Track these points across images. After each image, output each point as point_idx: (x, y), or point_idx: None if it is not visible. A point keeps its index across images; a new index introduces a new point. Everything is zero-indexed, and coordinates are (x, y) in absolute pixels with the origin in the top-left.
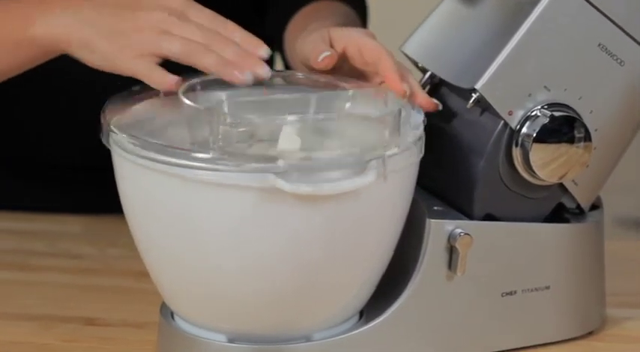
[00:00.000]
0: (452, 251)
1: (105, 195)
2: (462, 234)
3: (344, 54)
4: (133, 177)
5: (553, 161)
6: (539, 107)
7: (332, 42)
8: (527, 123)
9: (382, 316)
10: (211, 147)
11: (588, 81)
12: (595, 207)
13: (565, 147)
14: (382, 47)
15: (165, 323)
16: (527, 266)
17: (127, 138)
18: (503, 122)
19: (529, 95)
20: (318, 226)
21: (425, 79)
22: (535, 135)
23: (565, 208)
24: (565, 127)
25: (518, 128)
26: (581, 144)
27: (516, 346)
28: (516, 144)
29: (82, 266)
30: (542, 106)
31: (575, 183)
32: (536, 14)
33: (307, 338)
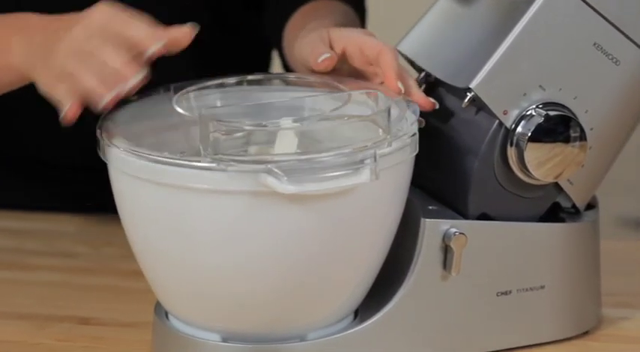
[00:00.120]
0: (447, 250)
1: (102, 194)
2: (457, 234)
3: (343, 55)
4: (129, 188)
5: (548, 160)
6: (535, 106)
7: (331, 42)
8: (522, 123)
9: (377, 315)
10: (203, 154)
11: (584, 80)
12: (591, 207)
13: (560, 147)
14: (383, 43)
15: (159, 322)
16: (522, 265)
17: (121, 151)
18: (498, 121)
19: (524, 94)
20: (311, 226)
21: (420, 78)
22: (530, 135)
23: (560, 208)
24: (560, 127)
25: (513, 127)
26: (576, 143)
27: (511, 346)
28: (511, 144)
29: (77, 266)
30: (538, 105)
31: (570, 183)
32: (532, 13)
33: (302, 337)
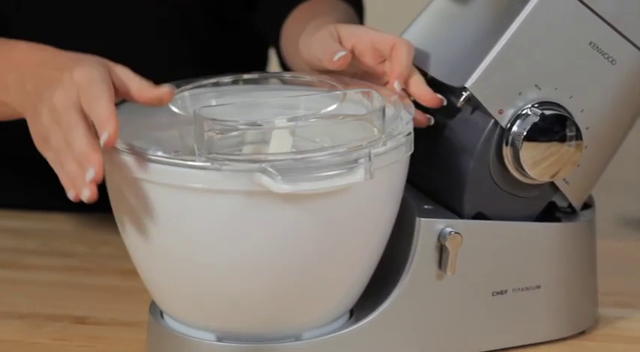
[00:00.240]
0: (442, 250)
1: (100, 193)
2: (453, 233)
3: (352, 52)
4: (123, 187)
5: (544, 160)
6: (530, 105)
7: (340, 40)
8: (518, 122)
9: (372, 315)
10: (197, 153)
11: (579, 79)
12: (587, 206)
13: (556, 146)
14: (397, 36)
15: (154, 322)
16: (518, 265)
17: (115, 150)
18: (493, 121)
19: (519, 93)
20: (306, 225)
21: None
22: (526, 134)
23: (557, 207)
24: (556, 126)
25: (509, 127)
26: (572, 142)
27: (507, 345)
28: (507, 143)
29: (73, 265)
30: (533, 105)
31: (566, 182)
32: (527, 12)
33: (297, 337)
